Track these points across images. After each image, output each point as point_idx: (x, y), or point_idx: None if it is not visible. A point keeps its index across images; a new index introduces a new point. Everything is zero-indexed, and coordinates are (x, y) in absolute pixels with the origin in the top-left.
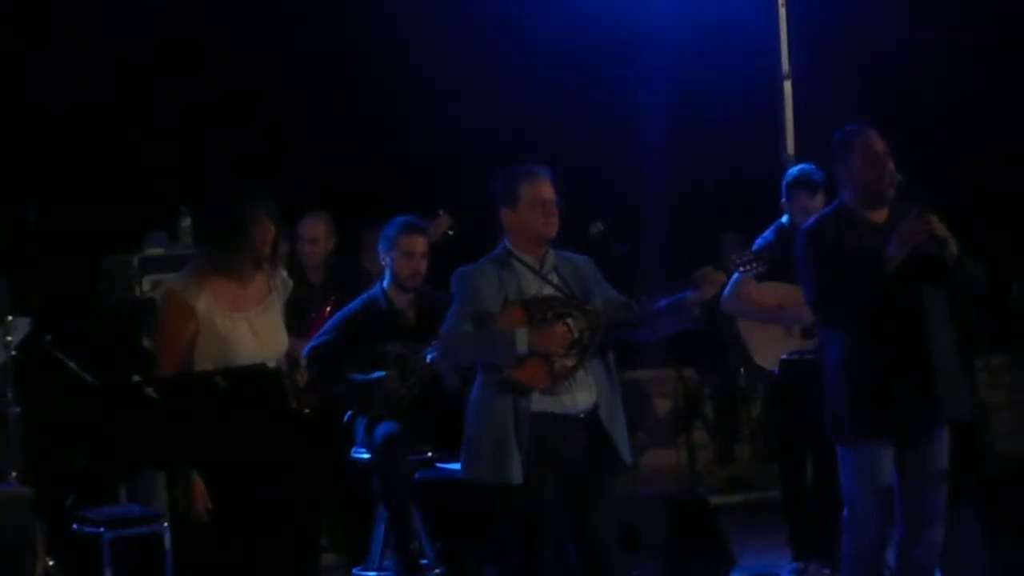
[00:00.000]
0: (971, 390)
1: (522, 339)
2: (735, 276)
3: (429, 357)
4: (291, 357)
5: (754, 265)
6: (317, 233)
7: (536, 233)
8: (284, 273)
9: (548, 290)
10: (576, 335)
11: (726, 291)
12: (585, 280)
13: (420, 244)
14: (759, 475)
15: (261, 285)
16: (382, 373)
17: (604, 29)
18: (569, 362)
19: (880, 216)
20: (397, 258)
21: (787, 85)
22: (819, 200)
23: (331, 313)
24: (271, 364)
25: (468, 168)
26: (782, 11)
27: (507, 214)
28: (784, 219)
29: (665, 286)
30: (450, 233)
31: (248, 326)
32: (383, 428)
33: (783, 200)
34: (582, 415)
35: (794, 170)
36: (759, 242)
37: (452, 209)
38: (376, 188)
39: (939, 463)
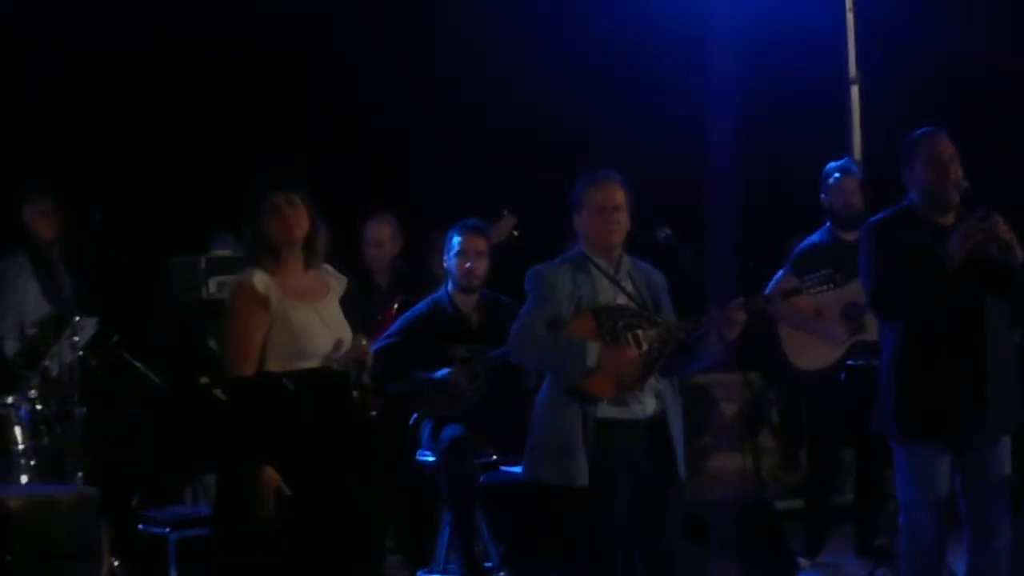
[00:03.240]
0: None
1: (594, 354)
2: (778, 274)
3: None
4: (358, 358)
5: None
6: (382, 236)
7: (597, 239)
8: (333, 270)
9: (621, 298)
10: (645, 347)
11: (769, 287)
12: (656, 292)
13: (477, 243)
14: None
15: (318, 280)
16: (447, 371)
17: (671, 28)
18: (638, 373)
19: (947, 220)
20: (458, 258)
21: (854, 90)
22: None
23: (397, 315)
24: (343, 358)
25: (536, 170)
26: (850, 15)
27: (576, 219)
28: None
29: (731, 295)
30: (515, 234)
31: (319, 318)
32: (449, 431)
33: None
34: (649, 421)
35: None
36: (807, 242)
37: (518, 210)
38: (447, 190)
39: (998, 470)
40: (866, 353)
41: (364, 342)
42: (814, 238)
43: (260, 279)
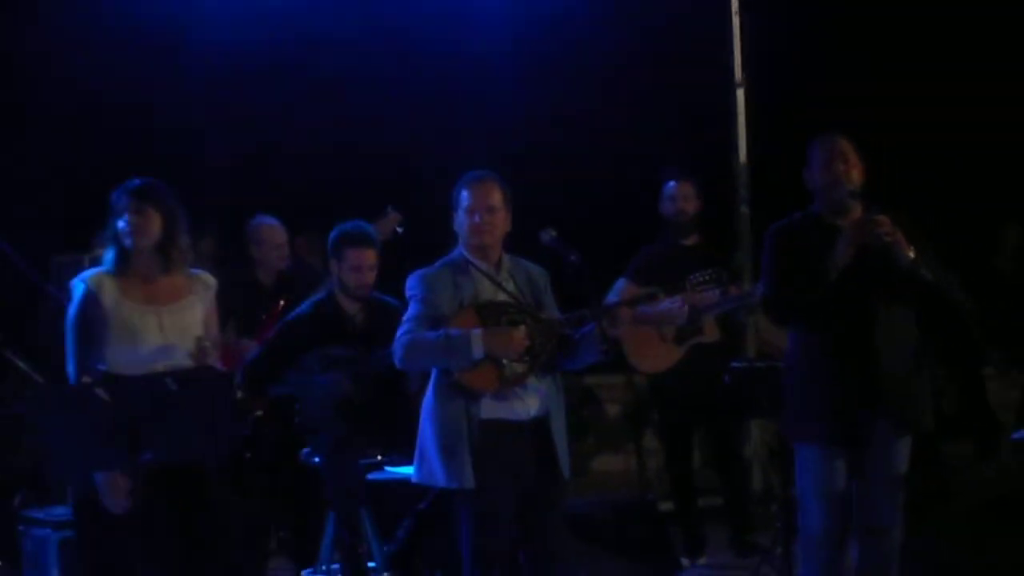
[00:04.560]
0: (931, 400)
1: (478, 342)
2: (619, 282)
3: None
4: (201, 348)
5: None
6: (278, 238)
7: (469, 238)
8: (206, 274)
9: (503, 296)
10: (528, 343)
11: (610, 295)
12: (537, 289)
13: (368, 257)
14: (710, 480)
15: (176, 285)
16: (332, 376)
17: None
18: (520, 368)
19: (846, 223)
20: (345, 271)
21: (740, 93)
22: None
23: (281, 315)
24: (178, 360)
25: (421, 170)
26: (735, 19)
27: (455, 219)
28: None
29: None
30: (399, 231)
31: (157, 320)
32: (335, 438)
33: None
34: (532, 421)
35: None
36: (645, 250)
37: (401, 207)
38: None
39: (891, 470)
40: (708, 356)
41: (205, 344)
42: (651, 246)
43: (95, 280)
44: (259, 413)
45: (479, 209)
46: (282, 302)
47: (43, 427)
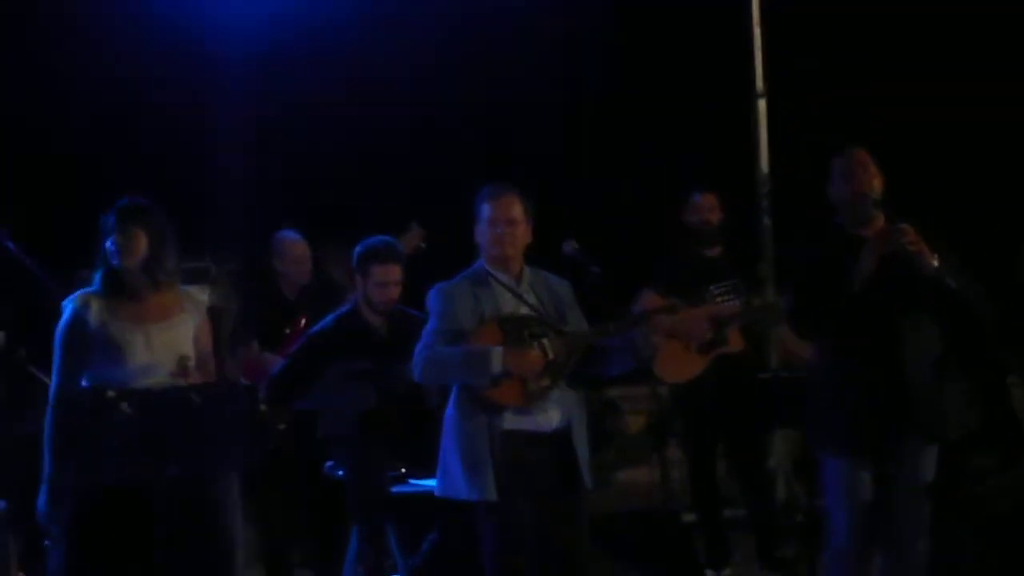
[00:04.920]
0: (958, 410)
1: (497, 359)
2: (643, 292)
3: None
4: (183, 367)
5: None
6: (300, 254)
7: (490, 251)
8: (195, 291)
9: (524, 309)
10: (551, 356)
11: (634, 307)
12: (561, 302)
13: (395, 272)
14: (734, 491)
15: (165, 303)
16: (356, 390)
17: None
18: (543, 383)
19: (869, 233)
20: (371, 286)
21: (761, 103)
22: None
23: (306, 327)
24: (163, 378)
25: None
26: (757, 30)
27: (477, 231)
28: None
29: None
30: (423, 246)
31: (144, 338)
32: (361, 451)
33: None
34: (554, 433)
35: None
36: (670, 259)
37: (425, 222)
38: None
39: (917, 481)
40: (733, 367)
41: (187, 363)
42: (677, 256)
43: (81, 299)
44: (282, 426)
45: (500, 221)
46: (303, 319)
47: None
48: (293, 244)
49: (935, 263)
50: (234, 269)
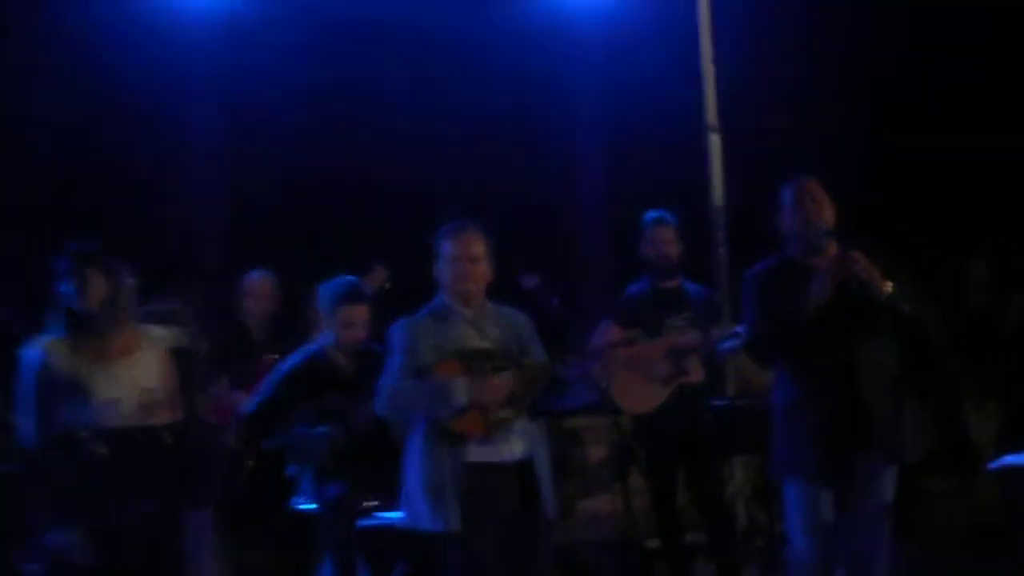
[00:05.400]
0: (915, 432)
1: (461, 390)
2: (603, 323)
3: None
4: (145, 402)
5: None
6: (264, 290)
7: (453, 286)
8: (156, 328)
9: (485, 343)
10: (513, 388)
11: (595, 336)
12: (521, 336)
13: (360, 313)
14: (695, 517)
15: (127, 339)
16: (326, 428)
17: (539, 84)
18: (505, 415)
19: (821, 263)
20: (338, 326)
21: (714, 138)
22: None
23: (272, 367)
24: (126, 413)
25: (408, 224)
26: (710, 66)
27: (436, 268)
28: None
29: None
30: (387, 286)
31: (113, 374)
32: (332, 489)
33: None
34: (517, 463)
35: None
36: (627, 292)
37: (388, 263)
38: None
39: (877, 502)
40: (693, 396)
41: (152, 396)
42: (634, 288)
43: (46, 346)
44: (251, 463)
45: (462, 258)
46: (273, 356)
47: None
48: (256, 281)
49: (887, 289)
50: (201, 309)
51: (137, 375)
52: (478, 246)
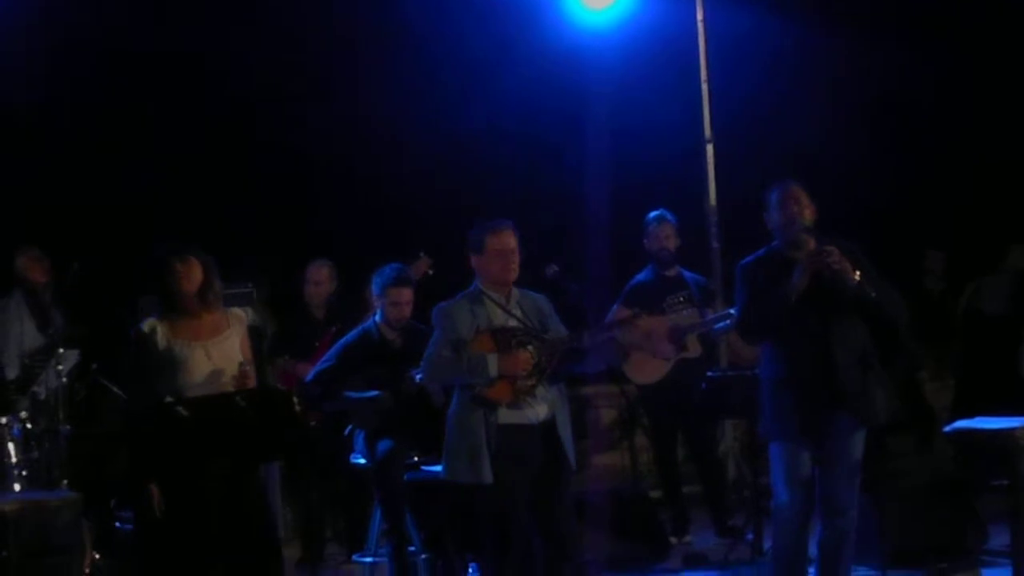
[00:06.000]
0: (884, 398)
1: (493, 364)
2: (613, 307)
3: (417, 379)
4: (243, 373)
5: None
6: (321, 277)
7: (497, 277)
8: (238, 310)
9: (512, 322)
10: (536, 360)
11: (608, 316)
12: (542, 314)
13: (406, 294)
14: (692, 472)
15: (215, 321)
16: (377, 392)
17: (551, 107)
18: (530, 382)
19: (802, 256)
20: (386, 305)
21: (709, 148)
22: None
23: (332, 342)
24: (224, 383)
25: (445, 220)
26: (704, 86)
27: (476, 260)
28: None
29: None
30: (430, 272)
31: (205, 353)
32: (382, 446)
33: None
34: (542, 424)
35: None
36: (635, 280)
37: (430, 251)
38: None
39: (849, 459)
40: (691, 369)
41: (246, 367)
42: (640, 276)
43: (149, 325)
44: (314, 424)
45: (506, 252)
46: (334, 331)
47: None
48: (315, 269)
49: (856, 278)
50: (271, 293)
51: (228, 351)
52: (515, 241)
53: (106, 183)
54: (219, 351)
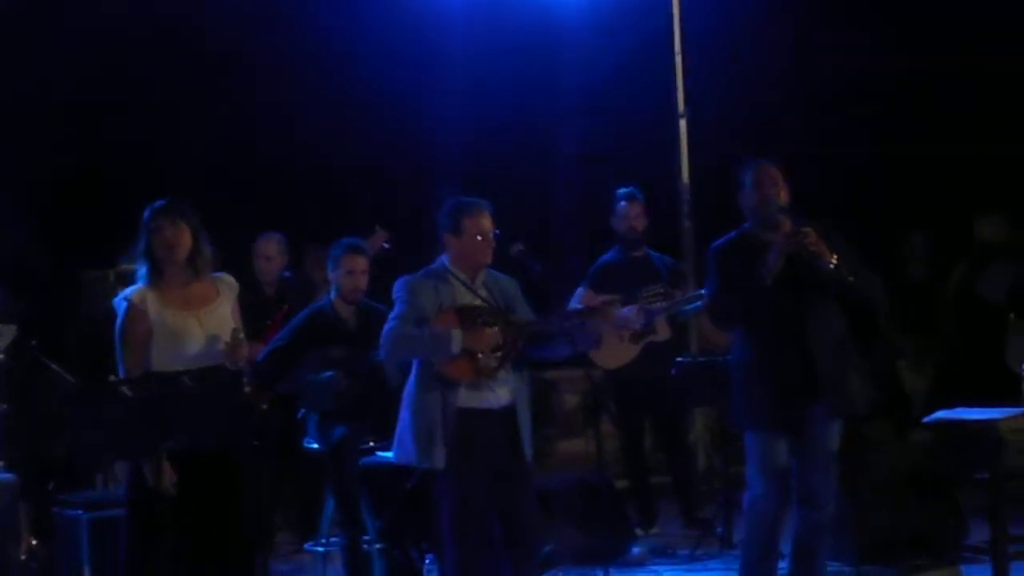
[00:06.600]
0: (860, 387)
1: (457, 339)
2: (579, 290)
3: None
4: (234, 353)
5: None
6: (271, 251)
7: (474, 259)
8: (227, 276)
9: (477, 301)
10: (499, 341)
11: (572, 301)
12: (508, 297)
13: (361, 263)
14: (660, 461)
15: (205, 288)
16: (331, 374)
17: (524, 75)
18: (492, 363)
19: (777, 238)
20: (341, 275)
21: (682, 123)
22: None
23: (284, 320)
24: (221, 355)
25: (400, 191)
26: (678, 58)
27: (450, 240)
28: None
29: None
30: (386, 246)
31: (197, 322)
32: (336, 430)
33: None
34: (502, 410)
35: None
36: (600, 261)
37: (386, 225)
38: (318, 209)
39: (826, 450)
40: (659, 354)
41: (240, 335)
42: (607, 257)
43: (138, 295)
44: (264, 407)
45: (483, 233)
46: (284, 310)
47: (74, 421)
48: (264, 242)
49: (833, 261)
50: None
51: (221, 319)
52: (491, 222)
53: (41, 154)
54: (212, 319)
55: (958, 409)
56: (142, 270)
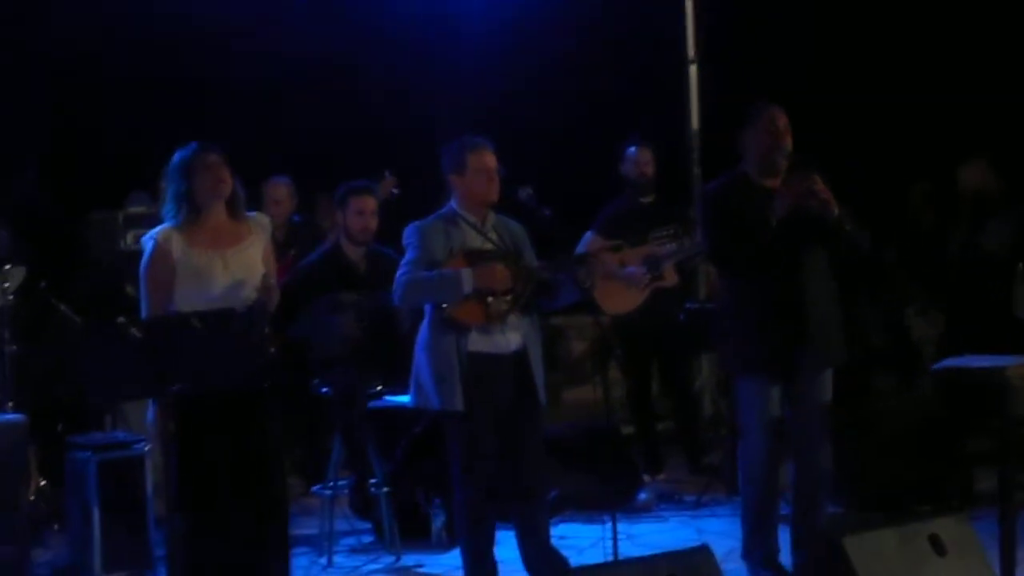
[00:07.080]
0: (849, 338)
1: (468, 278)
2: (587, 235)
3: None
4: (267, 285)
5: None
6: (280, 195)
7: (480, 196)
8: (261, 215)
9: (488, 245)
10: (511, 284)
11: (579, 247)
12: (518, 241)
13: (370, 203)
14: (666, 407)
15: (238, 228)
16: (339, 319)
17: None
18: (503, 306)
19: (774, 183)
20: (350, 215)
21: (692, 69)
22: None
23: (292, 264)
24: (246, 296)
25: (413, 136)
26: (689, 2)
27: (455, 180)
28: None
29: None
30: (395, 192)
31: (222, 263)
32: (344, 374)
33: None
34: (513, 354)
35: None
36: (610, 207)
37: (396, 171)
38: (329, 156)
39: (819, 399)
40: (667, 299)
41: (271, 281)
42: (615, 204)
43: (164, 234)
44: (272, 350)
45: (488, 170)
46: (292, 254)
47: (82, 361)
48: (273, 186)
49: (836, 211)
50: None
51: (249, 261)
52: (495, 159)
53: (46, 101)
54: (238, 261)
55: (966, 357)
56: (172, 211)
